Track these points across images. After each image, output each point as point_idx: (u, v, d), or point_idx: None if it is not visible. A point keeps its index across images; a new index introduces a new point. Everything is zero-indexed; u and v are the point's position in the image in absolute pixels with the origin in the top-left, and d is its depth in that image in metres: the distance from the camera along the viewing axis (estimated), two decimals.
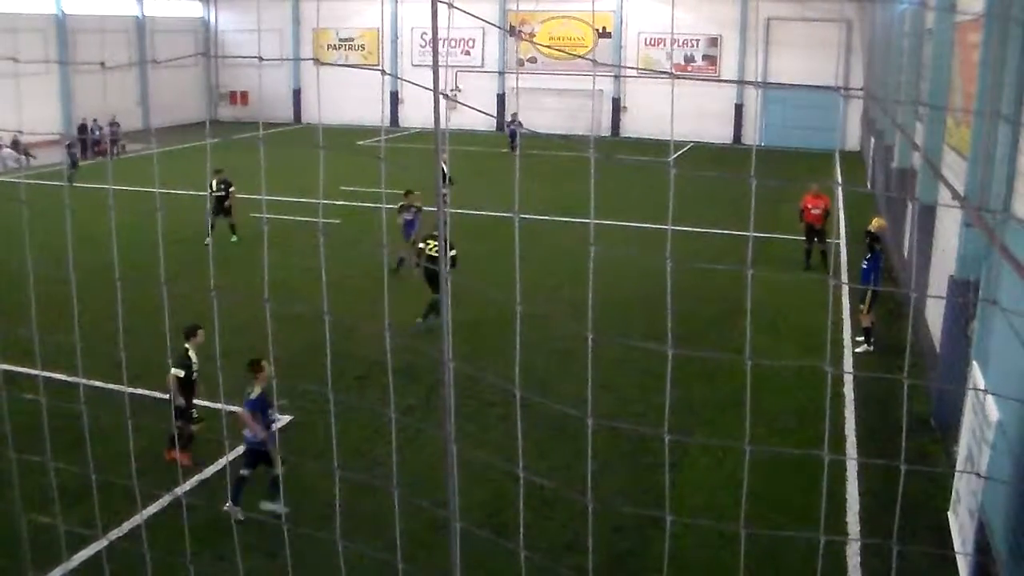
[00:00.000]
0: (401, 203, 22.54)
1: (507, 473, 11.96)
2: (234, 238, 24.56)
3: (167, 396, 12.86)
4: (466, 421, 13.76)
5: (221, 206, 24.81)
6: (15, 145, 42.51)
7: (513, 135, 43.78)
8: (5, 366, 13.34)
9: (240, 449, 12.15)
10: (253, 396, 11.67)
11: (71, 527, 10.29)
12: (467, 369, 13.20)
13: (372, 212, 27.35)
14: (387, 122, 55.84)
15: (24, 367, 14.26)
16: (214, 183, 24.93)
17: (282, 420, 14.27)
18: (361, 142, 39.31)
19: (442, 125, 4.35)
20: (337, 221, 26.90)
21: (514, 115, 47.11)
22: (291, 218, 25.07)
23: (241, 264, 19.13)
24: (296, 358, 16.38)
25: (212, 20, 61.04)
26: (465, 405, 14.12)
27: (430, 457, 12.55)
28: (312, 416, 14.22)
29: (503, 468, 11.91)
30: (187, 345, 13.03)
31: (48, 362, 13.79)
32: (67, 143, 34.55)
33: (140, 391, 14.07)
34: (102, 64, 28.22)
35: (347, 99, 48.59)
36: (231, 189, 24.90)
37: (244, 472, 11.69)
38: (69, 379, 13.75)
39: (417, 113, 53.59)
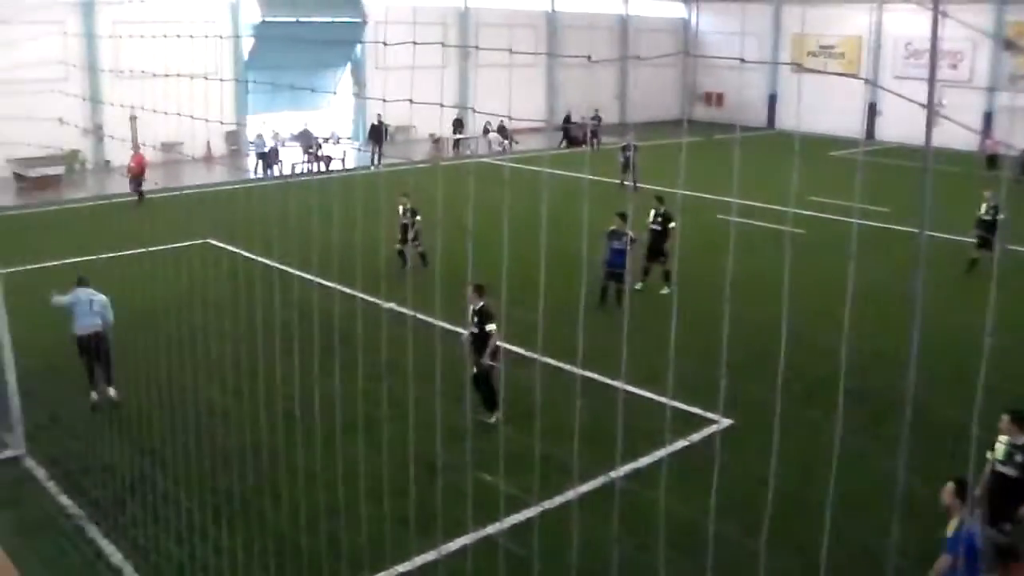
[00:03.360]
0: (612, 227, 20.35)
1: None
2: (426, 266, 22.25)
3: (615, 382, 13.24)
4: (912, 455, 13.00)
5: (406, 235, 22.46)
6: (501, 131, 45.78)
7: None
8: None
9: None
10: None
11: (510, 490, 10.93)
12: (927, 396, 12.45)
13: (840, 225, 26.56)
14: (863, 134, 53.92)
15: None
16: (401, 209, 22.82)
17: (723, 423, 14.27)
18: (834, 153, 38.32)
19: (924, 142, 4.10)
20: (801, 231, 26.39)
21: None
22: (756, 223, 24.91)
23: (699, 263, 19.37)
24: (745, 362, 16.30)
25: (694, 21, 62.10)
26: (917, 435, 13.34)
27: (869, 484, 12.01)
28: (754, 423, 14.09)
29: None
30: None
31: (510, 335, 14.81)
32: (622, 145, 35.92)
33: (589, 374, 14.61)
34: (588, 58, 29.45)
35: (823, 108, 47.54)
36: (417, 217, 22.38)
37: None
38: (526, 353, 14.62)
39: (895, 127, 51.19)
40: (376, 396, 11.22)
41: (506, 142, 45.77)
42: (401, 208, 22.90)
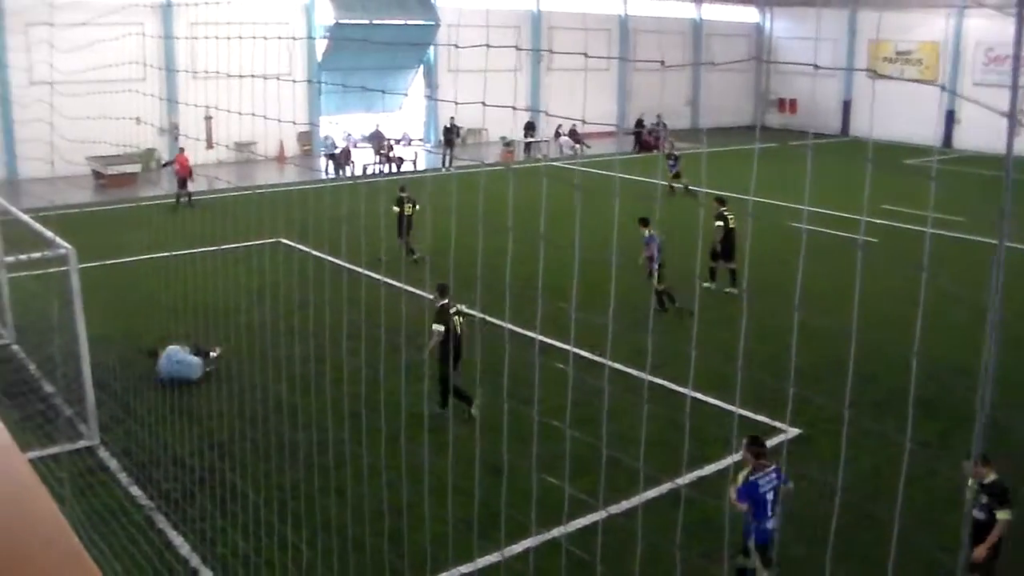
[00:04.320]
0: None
1: None
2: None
3: (682, 389, 13.15)
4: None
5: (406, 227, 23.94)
6: (572, 134, 45.73)
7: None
8: (543, 337, 14.52)
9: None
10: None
11: (575, 493, 10.89)
12: (1001, 411, 12.18)
13: (913, 234, 26.12)
14: (939, 142, 52.78)
15: (558, 341, 15.38)
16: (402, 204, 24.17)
17: (790, 432, 14.07)
18: (909, 160, 37.61)
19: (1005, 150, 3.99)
20: (874, 240, 26.00)
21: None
22: (828, 231, 24.59)
23: (769, 271, 19.16)
24: (814, 371, 16.09)
25: (767, 26, 61.52)
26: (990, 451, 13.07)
27: (937, 499, 11.79)
28: (821, 432, 13.90)
29: None
30: None
31: (579, 340, 14.78)
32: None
33: (659, 380, 14.53)
34: (662, 63, 29.31)
35: (898, 115, 46.73)
36: (417, 207, 24.16)
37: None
38: (595, 358, 14.57)
39: (974, 135, 50.08)
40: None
41: (577, 146, 45.72)
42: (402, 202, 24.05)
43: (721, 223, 21.74)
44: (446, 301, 14.85)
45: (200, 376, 16.09)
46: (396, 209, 23.77)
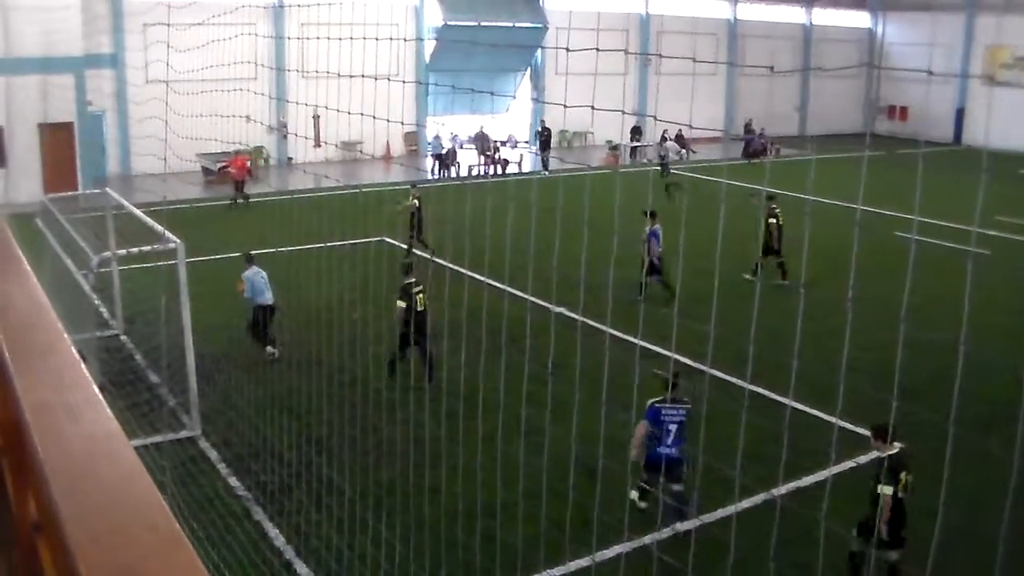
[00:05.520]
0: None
1: None
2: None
3: (782, 399, 12.94)
4: None
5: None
6: (679, 139, 45.38)
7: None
8: (645, 343, 14.48)
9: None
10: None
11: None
12: None
13: None
14: None
15: (661, 348, 15.28)
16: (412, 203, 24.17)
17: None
18: None
19: None
20: (986, 252, 25.26)
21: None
22: (937, 242, 24.00)
23: (874, 282, 18.78)
24: (916, 384, 15.71)
25: (879, 32, 60.21)
26: None
27: None
28: (922, 448, 13.54)
29: None
30: None
31: (681, 346, 14.65)
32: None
33: (758, 389, 14.31)
34: (771, 68, 28.97)
35: (1015, 123, 45.30)
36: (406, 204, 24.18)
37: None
38: (694, 364, 14.44)
39: None
40: (540, 398, 11.25)
41: (683, 151, 45.35)
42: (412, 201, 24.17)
43: (773, 220, 22.37)
44: (411, 280, 15.69)
45: (271, 303, 17.07)
46: (417, 205, 24.01)
